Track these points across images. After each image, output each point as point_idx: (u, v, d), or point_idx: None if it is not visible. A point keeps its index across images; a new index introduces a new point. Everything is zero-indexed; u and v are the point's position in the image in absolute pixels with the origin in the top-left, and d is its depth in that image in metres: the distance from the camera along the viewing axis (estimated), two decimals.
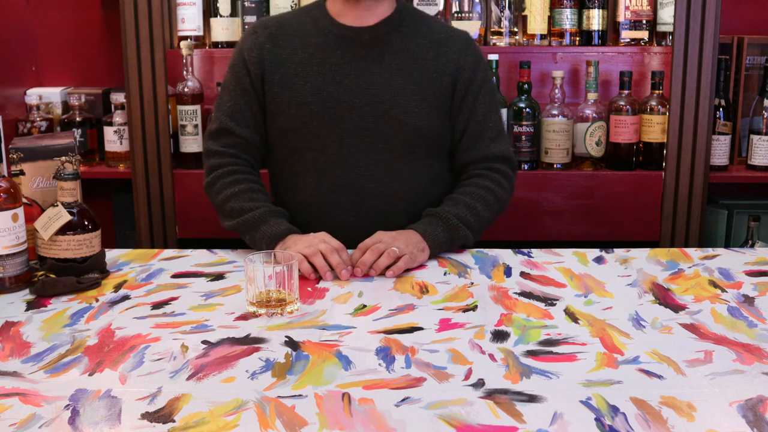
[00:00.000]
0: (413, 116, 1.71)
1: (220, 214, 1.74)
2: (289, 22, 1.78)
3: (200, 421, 0.98)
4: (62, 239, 1.49)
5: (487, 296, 1.42)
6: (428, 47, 1.74)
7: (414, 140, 1.73)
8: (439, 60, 1.74)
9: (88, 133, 2.54)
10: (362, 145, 1.71)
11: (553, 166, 2.40)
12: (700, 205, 2.38)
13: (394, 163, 1.73)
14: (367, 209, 1.73)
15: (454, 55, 1.75)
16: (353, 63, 1.71)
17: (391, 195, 1.73)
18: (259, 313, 1.32)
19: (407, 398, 1.04)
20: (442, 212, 1.68)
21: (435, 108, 1.74)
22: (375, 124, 1.71)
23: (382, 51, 1.72)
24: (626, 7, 2.41)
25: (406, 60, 1.72)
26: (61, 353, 1.18)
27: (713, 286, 1.47)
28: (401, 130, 1.71)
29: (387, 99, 1.70)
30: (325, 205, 1.73)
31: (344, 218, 1.71)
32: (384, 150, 1.72)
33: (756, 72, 2.52)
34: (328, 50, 1.72)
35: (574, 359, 1.16)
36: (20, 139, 1.63)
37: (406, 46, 1.73)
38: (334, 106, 1.70)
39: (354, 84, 1.70)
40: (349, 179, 1.72)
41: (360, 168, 1.72)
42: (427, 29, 1.77)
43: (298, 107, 1.71)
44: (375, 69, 1.71)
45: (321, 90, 1.70)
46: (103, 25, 2.74)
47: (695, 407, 1.01)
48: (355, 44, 1.72)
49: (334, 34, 1.73)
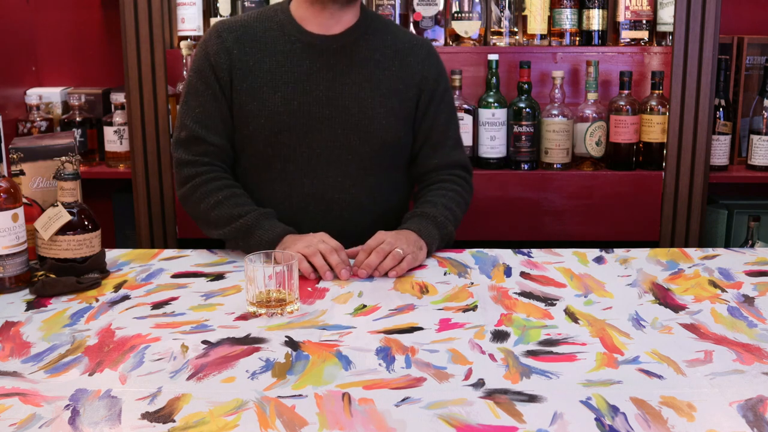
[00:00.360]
0: (381, 128, 1.73)
1: (203, 224, 1.71)
2: (253, 25, 1.73)
3: (200, 421, 0.98)
4: (62, 239, 1.49)
5: (487, 296, 1.42)
6: (393, 57, 1.75)
7: (381, 151, 1.74)
8: (403, 70, 1.75)
9: (88, 133, 2.54)
10: (331, 157, 1.72)
11: (553, 166, 2.40)
12: (700, 205, 2.37)
13: (362, 174, 1.74)
14: (333, 219, 1.73)
15: (418, 66, 1.77)
16: (322, 73, 1.71)
17: (358, 205, 1.75)
18: (259, 313, 1.32)
19: (407, 398, 1.04)
20: (429, 212, 1.70)
21: (400, 120, 1.75)
22: (344, 136, 1.71)
23: (349, 61, 1.72)
24: (626, 7, 2.41)
25: (373, 70, 1.73)
26: (61, 353, 1.18)
27: (713, 286, 1.47)
28: (369, 141, 1.72)
29: (356, 111, 1.71)
30: (292, 213, 1.72)
31: (313, 227, 1.68)
32: (352, 161, 1.73)
33: (756, 72, 2.52)
34: (296, 59, 1.71)
35: (574, 359, 1.16)
36: (20, 139, 1.63)
37: (372, 56, 1.74)
38: (304, 117, 1.70)
39: (324, 95, 1.70)
40: (317, 190, 1.73)
41: (329, 179, 1.72)
42: (391, 37, 1.77)
43: (268, 117, 1.69)
44: (344, 79, 1.71)
45: (291, 100, 1.69)
46: (103, 25, 2.74)
47: (695, 407, 1.01)
48: (323, 53, 1.71)
49: (301, 42, 1.71)
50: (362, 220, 1.75)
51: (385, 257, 1.53)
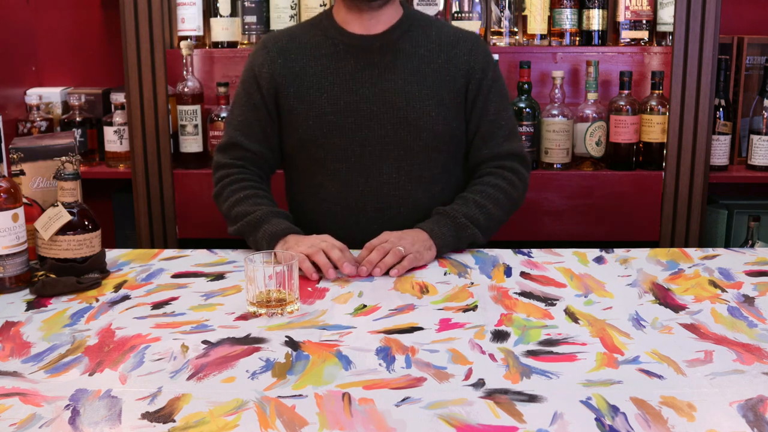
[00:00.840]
0: (430, 120, 1.72)
1: (228, 221, 1.74)
2: (298, 34, 1.79)
3: (200, 421, 0.98)
4: (62, 239, 1.49)
5: (487, 296, 1.42)
6: (438, 51, 1.75)
7: (433, 144, 1.74)
8: (450, 62, 1.75)
9: (88, 133, 2.54)
10: (384, 153, 1.72)
11: (553, 166, 2.40)
12: (700, 205, 2.38)
13: (416, 169, 1.74)
14: (391, 216, 1.73)
15: (465, 57, 1.75)
16: (367, 71, 1.72)
17: (414, 201, 1.74)
18: (259, 313, 1.32)
19: (407, 398, 1.04)
20: (450, 211, 1.68)
21: (450, 111, 1.74)
22: (394, 131, 1.72)
23: (393, 57, 1.73)
24: (626, 7, 2.41)
25: (419, 65, 1.73)
26: (61, 353, 1.18)
27: (713, 286, 1.47)
28: (420, 135, 1.72)
29: (404, 105, 1.71)
30: (349, 214, 1.74)
31: (369, 226, 1.70)
32: (405, 156, 1.73)
33: (756, 72, 2.52)
34: (341, 60, 1.73)
35: (574, 359, 1.16)
36: (20, 139, 1.63)
37: (417, 51, 1.74)
38: (352, 116, 1.71)
39: (370, 92, 1.71)
40: (373, 187, 1.73)
41: (383, 176, 1.73)
42: (435, 32, 1.77)
43: (316, 118, 1.72)
44: (389, 76, 1.72)
45: (338, 100, 1.72)
46: (103, 25, 2.74)
47: (695, 407, 1.01)
48: (366, 52, 1.73)
49: (344, 43, 1.74)
50: (421, 217, 1.72)
51: (385, 255, 1.53)
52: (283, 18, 2.42)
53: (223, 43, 2.46)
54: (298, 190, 1.83)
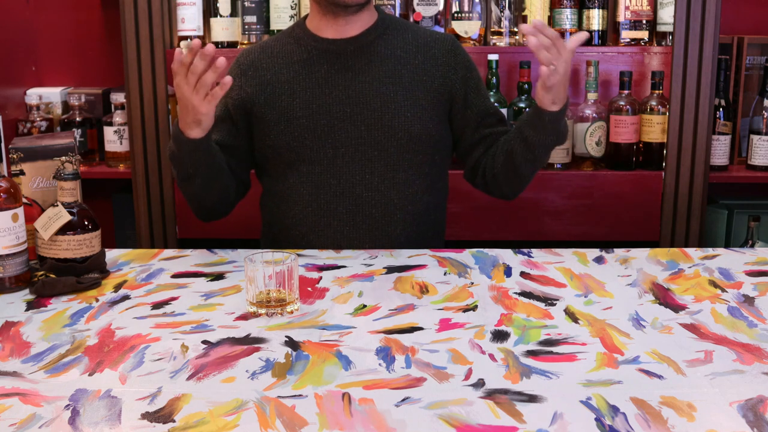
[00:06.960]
0: (406, 121, 1.71)
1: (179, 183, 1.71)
2: (270, 45, 1.80)
3: (200, 421, 0.98)
4: (62, 239, 1.49)
5: (487, 296, 1.42)
6: (415, 51, 1.75)
7: (408, 146, 1.73)
8: (427, 62, 1.74)
9: (88, 133, 2.54)
10: (357, 154, 1.72)
11: (553, 166, 2.40)
12: (700, 205, 2.38)
13: (390, 170, 1.73)
14: (362, 218, 1.73)
15: (443, 57, 1.75)
16: (341, 74, 1.71)
17: (387, 203, 1.73)
18: (259, 313, 1.32)
19: (407, 398, 1.04)
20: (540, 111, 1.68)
21: (427, 111, 1.73)
22: (368, 132, 1.71)
23: (368, 60, 1.72)
24: (626, 7, 2.41)
25: (395, 66, 1.73)
26: (61, 353, 1.19)
27: (713, 286, 1.47)
28: (395, 136, 1.71)
29: (379, 106, 1.71)
30: (321, 215, 1.73)
31: (341, 228, 1.71)
32: (379, 158, 1.72)
33: (756, 72, 2.52)
34: (314, 64, 1.73)
35: (574, 359, 1.16)
36: (20, 139, 1.63)
37: (393, 53, 1.74)
38: (325, 117, 1.71)
39: (344, 94, 1.71)
40: (345, 189, 1.72)
41: (356, 177, 1.72)
42: (411, 35, 1.77)
43: (287, 123, 1.72)
44: (363, 78, 1.71)
45: (310, 103, 1.71)
46: (103, 25, 2.74)
47: (695, 407, 1.01)
48: (340, 56, 1.72)
49: (318, 49, 1.73)
50: (393, 219, 1.72)
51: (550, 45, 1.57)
52: (283, 18, 2.42)
53: (223, 43, 2.46)
54: (272, 195, 1.80)
